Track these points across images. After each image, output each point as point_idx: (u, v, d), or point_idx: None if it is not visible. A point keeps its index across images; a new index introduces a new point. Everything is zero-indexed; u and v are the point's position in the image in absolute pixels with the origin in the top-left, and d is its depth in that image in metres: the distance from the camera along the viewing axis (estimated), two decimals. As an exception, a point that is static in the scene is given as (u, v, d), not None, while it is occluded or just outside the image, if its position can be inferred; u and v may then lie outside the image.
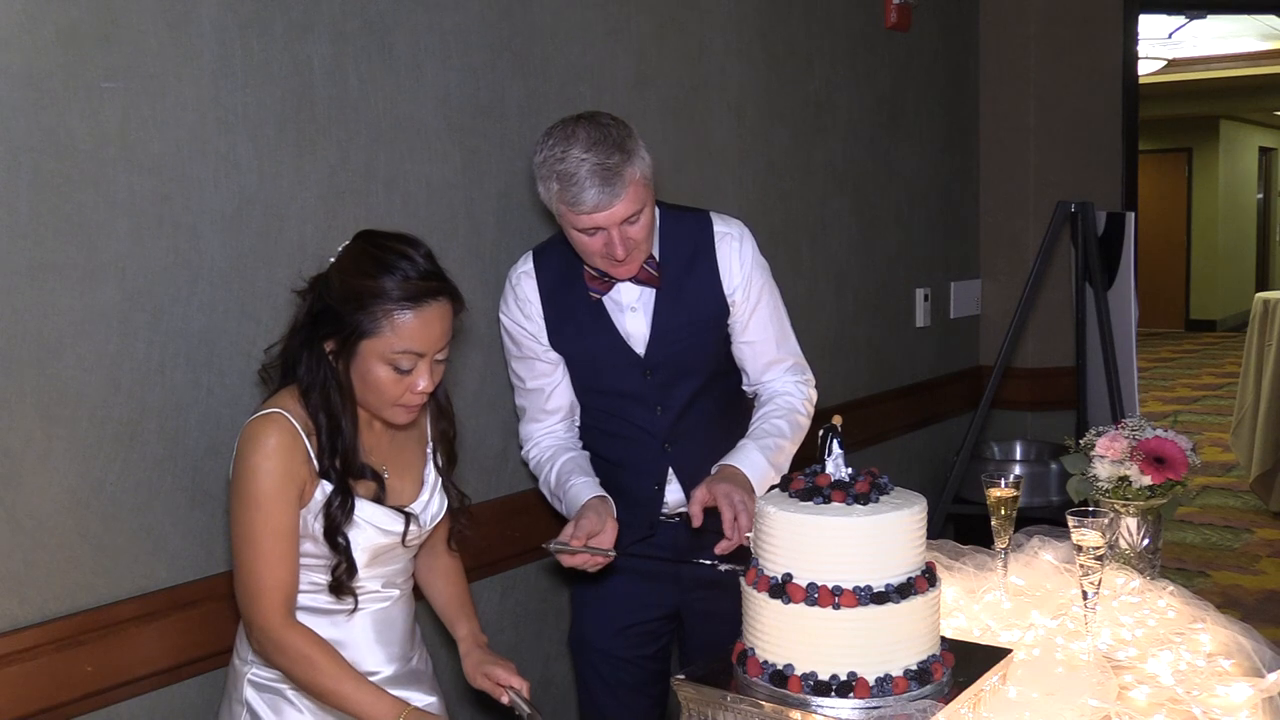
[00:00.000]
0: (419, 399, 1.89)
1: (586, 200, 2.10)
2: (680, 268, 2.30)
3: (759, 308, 2.36)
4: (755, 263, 2.35)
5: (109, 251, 1.90)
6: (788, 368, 2.43)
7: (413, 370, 1.85)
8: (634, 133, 2.17)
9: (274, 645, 1.83)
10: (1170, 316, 15.57)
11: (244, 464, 1.83)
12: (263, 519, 1.82)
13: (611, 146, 2.10)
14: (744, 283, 2.32)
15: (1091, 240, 3.80)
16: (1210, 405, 9.99)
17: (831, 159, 3.74)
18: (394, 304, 1.81)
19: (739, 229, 2.36)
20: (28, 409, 1.82)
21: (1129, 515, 2.42)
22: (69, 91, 1.84)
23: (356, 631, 1.96)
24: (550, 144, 2.14)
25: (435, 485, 2.04)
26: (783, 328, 2.43)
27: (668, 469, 2.34)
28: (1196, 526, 6.33)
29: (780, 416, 2.34)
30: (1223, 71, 11.79)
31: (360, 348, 1.83)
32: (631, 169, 2.12)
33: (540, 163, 2.15)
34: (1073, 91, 4.56)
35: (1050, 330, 4.54)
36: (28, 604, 1.84)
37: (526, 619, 2.73)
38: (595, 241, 2.16)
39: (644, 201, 2.16)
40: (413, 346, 1.84)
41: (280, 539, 1.83)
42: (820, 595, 1.70)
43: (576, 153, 2.09)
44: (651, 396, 2.32)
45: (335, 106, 2.24)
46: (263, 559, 1.82)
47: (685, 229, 2.33)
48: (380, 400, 1.88)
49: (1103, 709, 1.79)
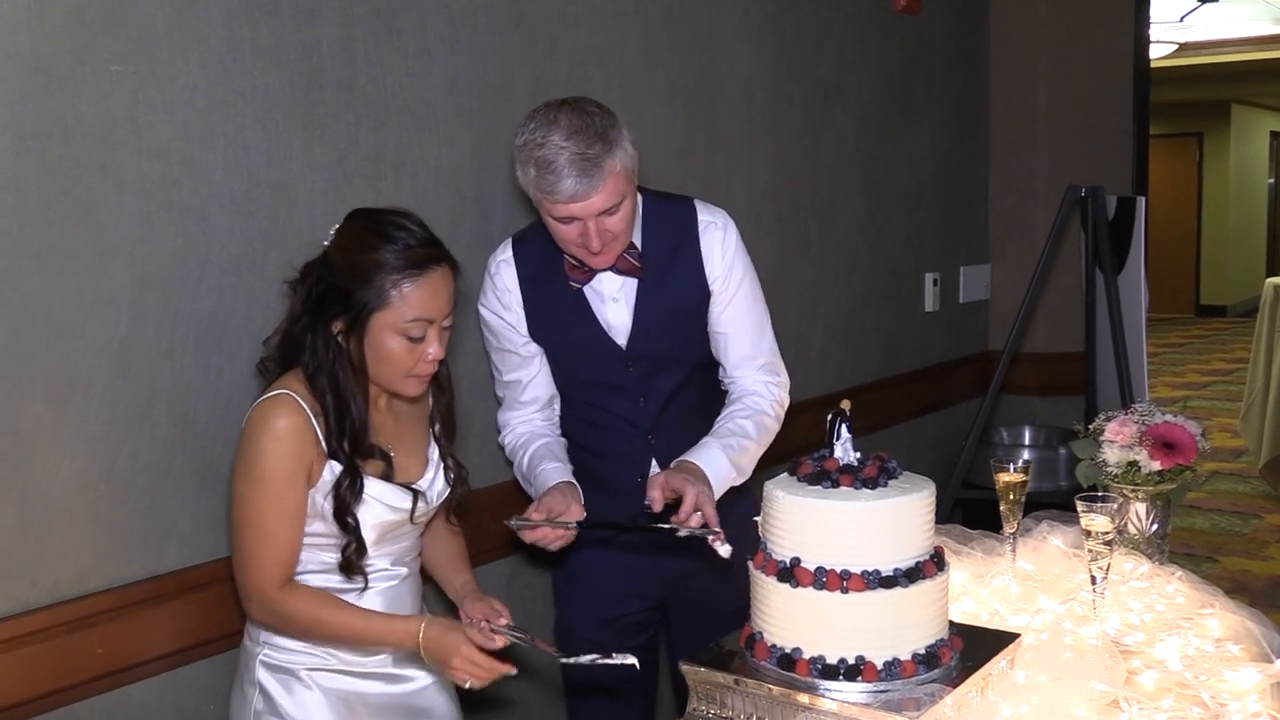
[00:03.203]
0: (431, 367, 1.92)
1: (563, 190, 2.04)
2: (663, 258, 2.26)
3: (736, 298, 2.31)
4: (738, 253, 2.31)
5: (118, 235, 1.91)
6: (760, 365, 2.36)
7: (424, 338, 1.89)
8: (618, 122, 2.11)
9: (278, 615, 1.88)
10: (1180, 302, 15.52)
11: (252, 445, 1.84)
12: (270, 500, 1.84)
13: (593, 136, 2.04)
14: (725, 272, 2.28)
15: (1102, 225, 3.79)
16: (1220, 391, 9.97)
17: (841, 143, 3.73)
18: (400, 273, 1.84)
19: (723, 218, 2.31)
20: (38, 392, 1.82)
21: (1138, 500, 2.42)
22: (77, 76, 1.84)
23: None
24: (531, 128, 2.08)
25: (439, 464, 2.07)
26: (760, 324, 2.37)
27: (651, 461, 2.32)
28: (1205, 512, 6.32)
29: (746, 417, 2.29)
30: (1235, 55, 11.71)
31: (372, 322, 1.86)
32: (612, 160, 2.06)
33: (520, 146, 2.09)
34: (1083, 75, 4.54)
35: (1060, 315, 4.53)
36: (38, 586, 1.85)
37: (533, 601, 2.74)
38: (571, 230, 2.11)
39: (623, 194, 2.10)
40: (423, 313, 1.87)
41: (286, 518, 1.86)
42: (828, 579, 1.70)
43: (556, 140, 2.03)
44: (634, 388, 2.29)
45: (344, 90, 2.24)
46: (267, 537, 1.85)
47: (669, 218, 2.29)
48: (394, 373, 1.90)
49: (1110, 694, 1.79)
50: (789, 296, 3.52)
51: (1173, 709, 1.74)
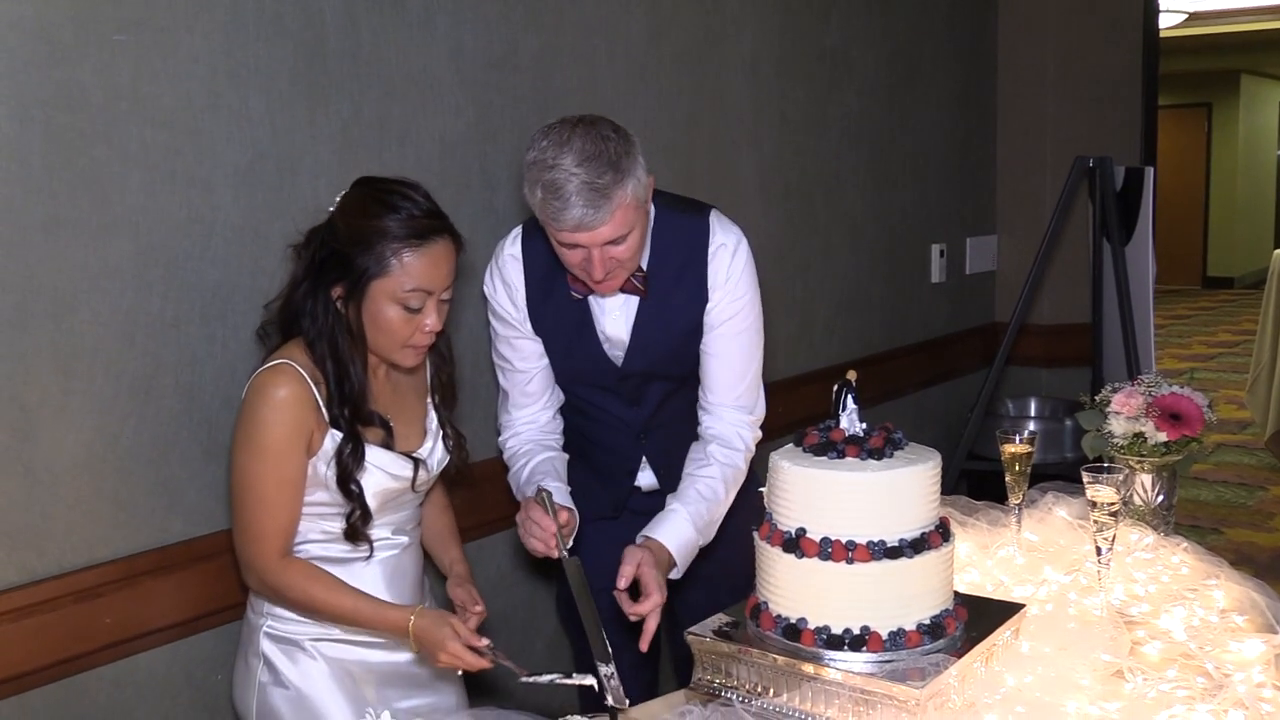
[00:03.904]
0: (427, 339, 1.93)
1: (569, 219, 1.95)
2: (668, 278, 2.19)
3: (731, 322, 2.22)
4: (743, 276, 2.22)
5: (122, 206, 1.90)
6: (737, 398, 2.27)
7: (422, 309, 1.89)
8: (634, 148, 2.01)
9: (273, 588, 1.89)
10: (1188, 273, 15.47)
11: (253, 415, 1.85)
12: (271, 469, 1.84)
13: (605, 164, 1.95)
14: (725, 296, 2.20)
15: (1109, 195, 3.77)
16: (1226, 363, 9.95)
17: (847, 113, 3.71)
18: (401, 242, 1.85)
19: (735, 238, 2.22)
20: (43, 364, 1.82)
21: (1144, 471, 2.42)
22: (80, 44, 1.83)
23: (368, 581, 1.98)
24: (543, 146, 1.98)
25: (438, 433, 2.07)
26: (749, 353, 2.27)
27: (641, 457, 2.32)
28: (1211, 483, 6.32)
29: (717, 477, 2.22)
30: (1244, 25, 11.64)
31: (370, 289, 1.86)
32: (622, 191, 1.96)
33: (529, 163, 2.00)
34: (1092, 45, 4.51)
35: (1067, 286, 4.51)
36: (46, 557, 1.86)
37: (536, 574, 2.75)
38: (574, 256, 2.04)
39: (632, 224, 2.02)
40: (421, 284, 1.87)
41: (285, 488, 1.86)
42: (834, 550, 1.71)
43: (567, 164, 1.94)
44: (628, 394, 2.27)
45: (347, 60, 2.23)
46: (266, 507, 1.86)
47: (681, 235, 2.20)
48: (390, 342, 1.90)
49: (1115, 664, 1.79)
50: (795, 268, 3.51)
51: (1177, 679, 1.75)
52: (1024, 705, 1.68)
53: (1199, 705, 1.67)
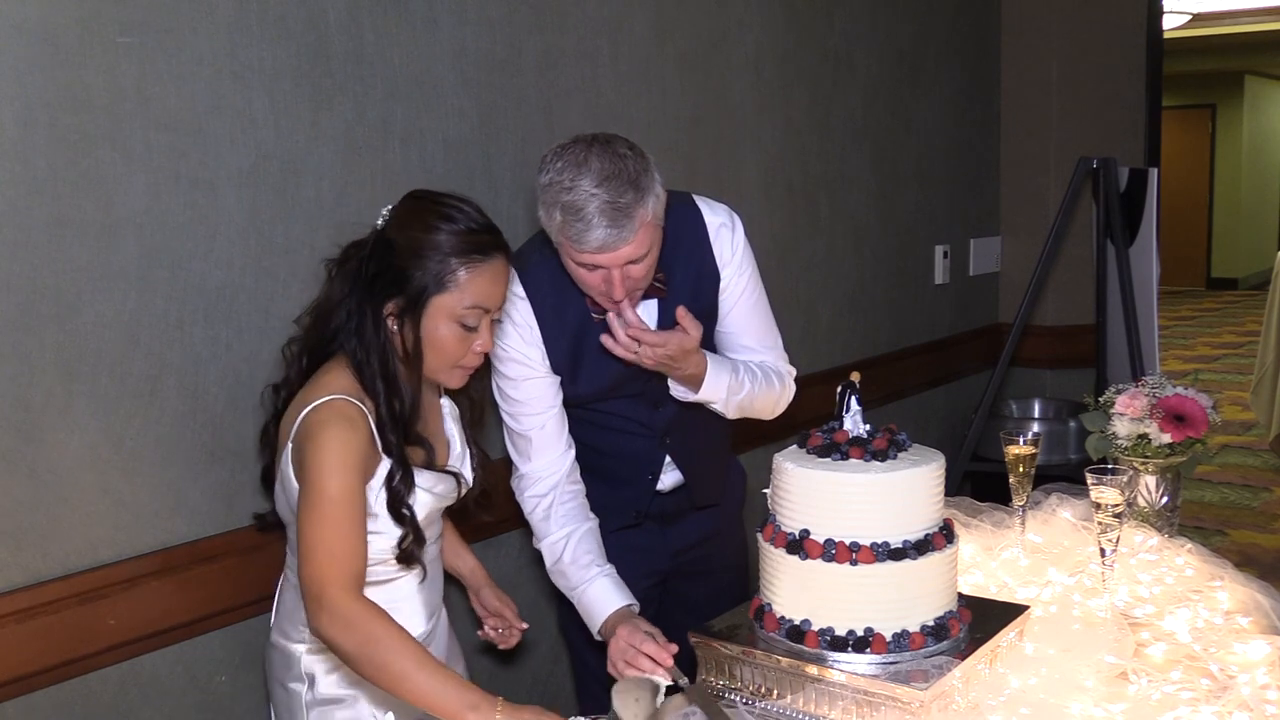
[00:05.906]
0: (478, 360, 1.88)
1: (591, 240, 1.91)
2: (681, 272, 2.18)
3: (744, 295, 2.24)
4: (745, 250, 2.23)
5: (126, 208, 1.90)
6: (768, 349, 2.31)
7: (477, 328, 1.84)
8: (651, 165, 1.98)
9: (343, 620, 1.67)
10: (1191, 274, 15.45)
11: (315, 459, 1.73)
12: (343, 511, 1.72)
13: (625, 183, 1.91)
14: (735, 272, 2.21)
15: (1113, 196, 3.77)
16: (1230, 364, 9.93)
17: (851, 114, 3.70)
18: (462, 257, 1.80)
19: (728, 215, 2.23)
20: (48, 365, 1.82)
21: (1148, 473, 2.42)
22: (85, 46, 1.83)
23: (404, 591, 1.93)
24: (559, 167, 1.94)
25: (461, 439, 2.03)
26: (767, 320, 2.30)
27: (664, 458, 2.29)
28: (1215, 485, 6.31)
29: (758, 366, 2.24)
30: (1248, 26, 11.61)
31: (430, 305, 1.81)
32: (644, 209, 1.93)
33: (545, 185, 1.95)
34: (1095, 46, 4.50)
35: (1070, 287, 4.51)
36: (50, 558, 1.86)
37: (538, 573, 2.73)
38: (594, 277, 1.99)
39: (652, 243, 1.99)
40: (480, 301, 1.82)
41: (356, 527, 1.74)
42: (838, 551, 1.71)
43: (586, 185, 1.90)
44: (654, 395, 2.23)
45: (351, 61, 2.23)
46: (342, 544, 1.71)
47: (680, 227, 2.18)
48: (442, 361, 1.85)
49: (1119, 665, 1.79)
50: (798, 268, 3.51)
51: (1182, 681, 1.75)
52: (1028, 707, 1.68)
53: (1203, 707, 1.67)
